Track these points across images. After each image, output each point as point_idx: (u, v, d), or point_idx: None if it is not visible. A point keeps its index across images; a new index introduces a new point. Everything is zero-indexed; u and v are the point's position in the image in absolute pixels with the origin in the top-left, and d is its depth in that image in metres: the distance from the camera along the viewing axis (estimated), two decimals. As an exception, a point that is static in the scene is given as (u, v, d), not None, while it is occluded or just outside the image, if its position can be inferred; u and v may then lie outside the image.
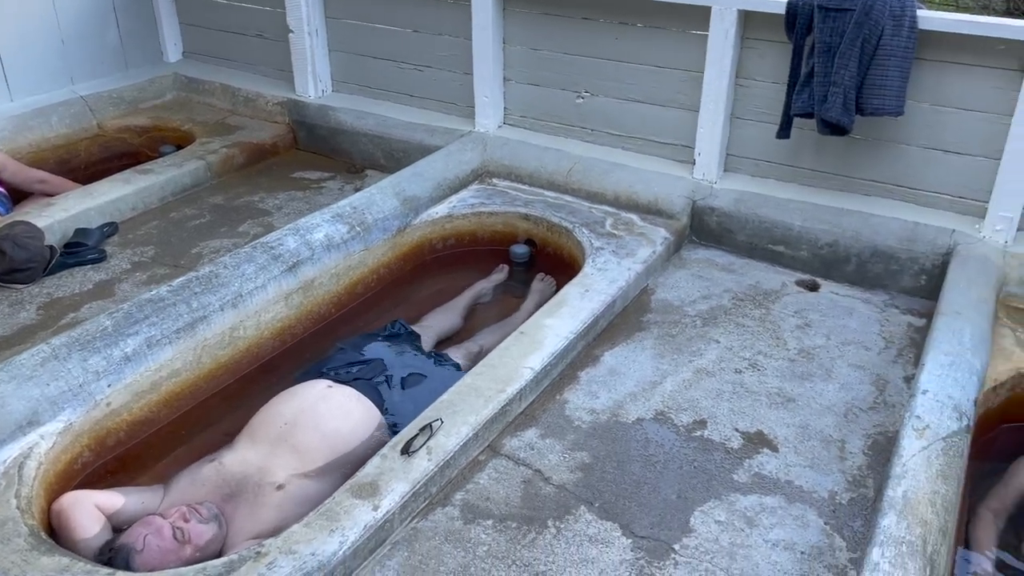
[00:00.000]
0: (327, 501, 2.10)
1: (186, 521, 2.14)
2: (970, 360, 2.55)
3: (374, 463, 2.24)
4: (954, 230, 3.25)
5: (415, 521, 2.21)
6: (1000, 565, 2.27)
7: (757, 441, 2.55)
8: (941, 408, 2.32)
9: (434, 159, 3.97)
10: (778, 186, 3.65)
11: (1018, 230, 3.17)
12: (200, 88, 5.08)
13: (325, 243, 3.23)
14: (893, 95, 3.08)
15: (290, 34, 4.64)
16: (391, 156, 4.36)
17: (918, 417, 2.28)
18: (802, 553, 2.14)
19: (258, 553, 1.93)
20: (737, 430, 2.60)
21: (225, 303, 2.86)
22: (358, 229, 3.37)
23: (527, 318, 2.98)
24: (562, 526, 2.21)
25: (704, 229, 3.71)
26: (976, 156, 3.20)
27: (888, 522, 1.92)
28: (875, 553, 1.84)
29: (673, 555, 2.13)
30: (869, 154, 3.43)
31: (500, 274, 3.65)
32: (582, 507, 2.28)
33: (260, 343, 2.99)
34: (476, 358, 2.93)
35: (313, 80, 4.71)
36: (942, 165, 3.29)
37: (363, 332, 2.98)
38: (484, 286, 3.56)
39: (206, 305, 2.81)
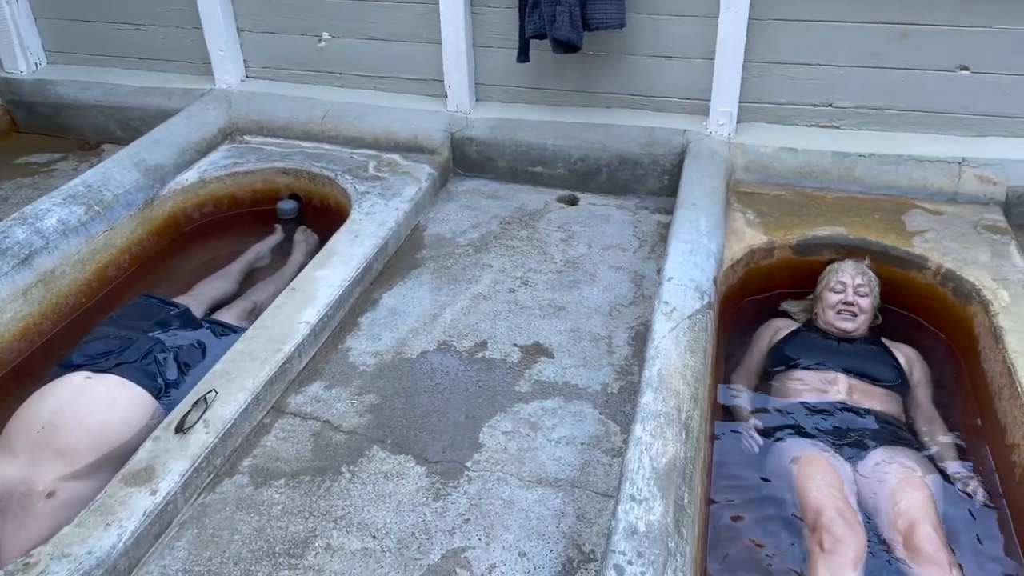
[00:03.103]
0: (99, 496, 1.98)
1: (-60, 552, 1.94)
2: (707, 244, 2.81)
3: (147, 447, 2.13)
4: (685, 130, 3.53)
5: (202, 497, 2.14)
6: (755, 422, 2.56)
7: (534, 352, 2.68)
8: (685, 291, 2.55)
9: (175, 123, 3.72)
10: (528, 109, 3.78)
11: (738, 122, 3.50)
12: None
13: (60, 229, 2.96)
14: (614, 9, 3.25)
15: (-17, 3, 4.12)
16: (128, 127, 4.04)
17: (666, 302, 2.50)
18: (582, 444, 2.30)
19: (26, 564, 1.79)
20: (516, 345, 2.71)
21: (-51, 311, 2.56)
22: (97, 208, 3.11)
23: (297, 271, 2.92)
24: (356, 469, 2.23)
25: (466, 160, 3.77)
26: (694, 59, 3.47)
27: (646, 399, 2.10)
28: (637, 428, 2.01)
29: (466, 472, 2.22)
30: (604, 68, 3.62)
31: (275, 235, 3.52)
32: (375, 447, 2.31)
33: (1, 348, 2.71)
34: (252, 316, 2.85)
35: (22, 53, 4.23)
36: (667, 71, 3.54)
37: (116, 314, 2.77)
38: (260, 249, 3.43)
39: (-75, 317, 2.50)
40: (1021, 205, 3.10)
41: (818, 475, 2.22)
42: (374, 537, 2.01)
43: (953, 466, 2.30)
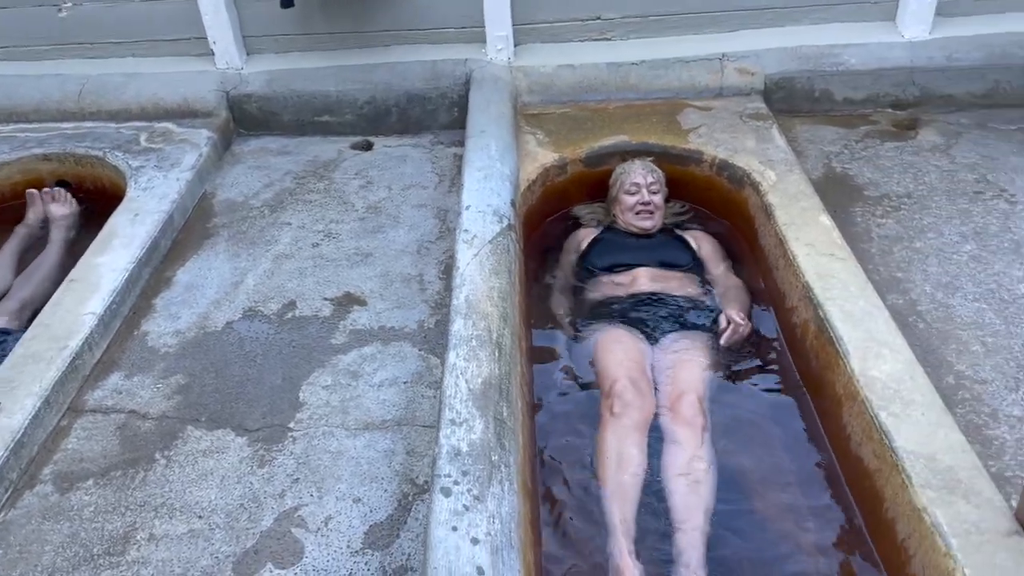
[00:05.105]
0: None
1: None
2: (500, 169, 2.84)
3: (-77, 477, 1.93)
4: (467, 59, 3.53)
5: (1, 515, 1.96)
6: (572, 327, 2.66)
7: (346, 302, 2.64)
8: (483, 217, 2.58)
9: (-100, 121, 3.29)
10: (304, 57, 3.63)
11: (516, 45, 3.53)
12: None
13: None
14: (372, -58, 3.16)
15: None
16: None
17: (466, 230, 2.52)
18: (405, 383, 2.30)
19: None
20: (326, 299, 2.65)
21: None
22: None
23: (59, 249, 2.72)
24: (171, 453, 2.12)
25: (248, 118, 3.59)
26: (465, -14, 3.46)
27: (457, 327, 2.13)
28: (451, 355, 2.03)
29: (290, 433, 2.16)
30: (375, 5, 3.52)
31: (34, 208, 3.17)
32: (189, 427, 2.20)
33: None
34: (22, 315, 2.61)
35: None
36: (439, 0, 3.50)
37: None
38: (23, 230, 3.10)
39: None
40: (778, 91, 3.35)
41: (618, 348, 2.38)
42: (200, 517, 1.93)
43: (722, 315, 2.47)
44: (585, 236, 2.96)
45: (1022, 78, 3.26)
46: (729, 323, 2.40)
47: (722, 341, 2.40)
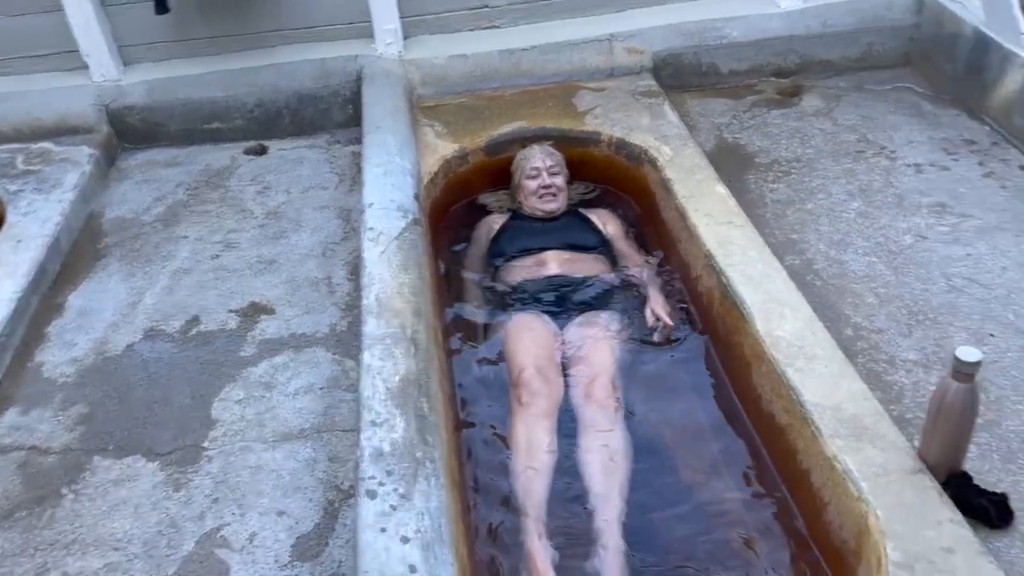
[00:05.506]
0: None
1: None
2: (400, 163, 2.81)
3: None
4: (357, 55, 3.46)
5: None
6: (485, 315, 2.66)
7: (253, 312, 2.56)
8: (387, 213, 2.55)
9: None
10: (185, 64, 3.49)
11: (406, 38, 3.49)
12: None
13: None
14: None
15: None
16: None
17: (371, 228, 2.48)
18: (321, 389, 2.26)
19: None
20: (231, 311, 2.57)
21: None
22: None
23: None
24: (79, 487, 2.02)
25: (131, 131, 3.45)
26: (344, -19, 3.39)
27: (369, 327, 2.10)
28: (366, 356, 2.00)
29: (205, 453, 2.09)
30: (256, 6, 3.42)
31: None
32: (95, 457, 2.10)
33: None
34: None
35: None
36: (323, -2, 3.44)
37: None
38: None
39: None
40: (667, 67, 3.42)
41: (526, 335, 2.41)
42: (116, 549, 1.85)
43: (648, 310, 2.54)
44: (493, 224, 2.96)
45: (892, 39, 3.43)
46: (658, 320, 2.46)
47: (655, 338, 2.45)
